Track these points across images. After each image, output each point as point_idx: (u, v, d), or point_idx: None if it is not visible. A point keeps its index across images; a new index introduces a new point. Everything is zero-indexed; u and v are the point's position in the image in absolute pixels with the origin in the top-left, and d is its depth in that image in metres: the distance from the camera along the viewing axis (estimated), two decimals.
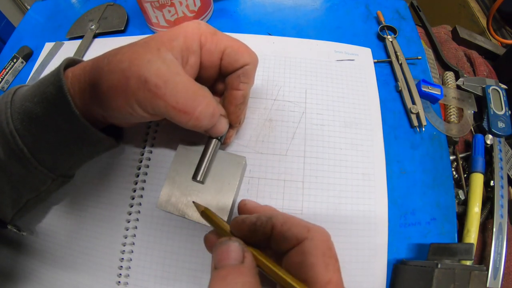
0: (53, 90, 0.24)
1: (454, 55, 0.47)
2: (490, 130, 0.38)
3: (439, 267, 0.26)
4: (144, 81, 0.21)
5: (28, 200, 0.28)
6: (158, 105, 0.22)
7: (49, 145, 0.25)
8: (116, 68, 0.22)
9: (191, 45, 0.24)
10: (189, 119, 0.23)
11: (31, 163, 0.25)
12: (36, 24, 0.49)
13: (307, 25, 0.44)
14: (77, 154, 0.27)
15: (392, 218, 0.32)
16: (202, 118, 0.23)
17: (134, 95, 0.22)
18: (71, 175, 0.30)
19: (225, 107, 0.28)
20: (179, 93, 0.22)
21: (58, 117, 0.24)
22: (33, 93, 0.24)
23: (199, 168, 0.27)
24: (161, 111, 0.22)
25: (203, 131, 0.26)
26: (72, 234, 0.31)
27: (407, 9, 0.48)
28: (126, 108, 0.23)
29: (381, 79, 0.39)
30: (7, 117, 0.24)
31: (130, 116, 0.24)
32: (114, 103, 0.23)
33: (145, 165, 0.32)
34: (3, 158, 0.25)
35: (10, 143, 0.24)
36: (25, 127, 0.24)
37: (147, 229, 0.31)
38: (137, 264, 0.30)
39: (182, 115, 0.23)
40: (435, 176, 0.34)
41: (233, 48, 0.26)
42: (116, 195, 0.32)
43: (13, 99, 0.25)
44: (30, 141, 0.24)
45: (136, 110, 0.23)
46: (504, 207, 0.34)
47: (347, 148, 0.34)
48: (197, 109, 0.23)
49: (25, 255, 0.32)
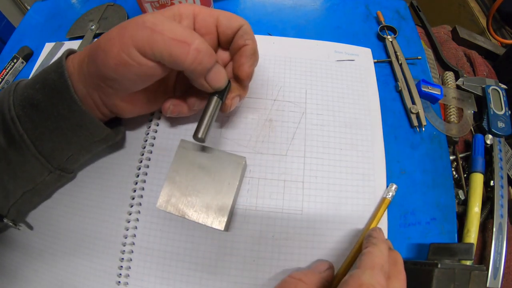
0: (55, 76, 0.25)
1: (454, 55, 0.47)
2: (490, 130, 0.38)
3: (439, 267, 0.26)
4: (141, 22, 0.22)
5: (25, 193, 0.28)
6: (157, 40, 0.22)
7: (49, 131, 0.26)
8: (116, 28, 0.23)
9: (184, 12, 0.25)
10: (188, 50, 0.22)
11: (30, 150, 0.26)
12: (36, 24, 0.49)
13: (307, 25, 0.44)
14: (75, 143, 0.27)
15: (392, 218, 0.32)
16: (200, 49, 0.23)
17: (132, 38, 0.22)
18: (69, 170, 0.30)
19: (236, 62, 0.28)
20: (176, 28, 0.22)
21: (58, 103, 0.25)
22: (35, 81, 0.25)
23: (200, 126, 0.26)
24: (160, 47, 0.22)
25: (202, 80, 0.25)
26: (72, 234, 0.31)
27: (407, 9, 0.48)
28: (121, 56, 0.22)
29: (381, 79, 0.39)
30: (9, 104, 0.25)
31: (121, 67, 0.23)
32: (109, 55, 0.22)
33: (145, 165, 0.32)
34: (3, 145, 0.25)
35: (11, 129, 0.25)
36: (26, 114, 0.25)
37: (147, 229, 0.31)
38: (137, 264, 0.30)
39: (182, 45, 0.22)
40: (435, 176, 0.34)
41: (226, 15, 0.27)
42: (116, 195, 0.32)
43: (16, 88, 0.26)
44: (30, 127, 0.25)
45: (132, 54, 0.22)
46: (504, 207, 0.34)
47: (347, 148, 0.34)
48: (195, 41, 0.23)
49: (24, 255, 0.32)
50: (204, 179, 0.28)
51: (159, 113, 0.35)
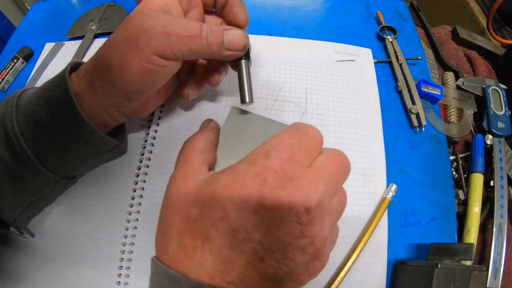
0: (59, 93, 0.24)
1: (454, 55, 0.47)
2: (490, 130, 0.38)
3: (439, 267, 0.26)
4: (153, 29, 0.22)
5: (31, 203, 0.28)
6: (174, 41, 0.23)
7: (54, 147, 0.25)
8: (119, 42, 0.23)
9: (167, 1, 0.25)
10: (201, 41, 0.24)
11: (35, 166, 0.25)
12: (37, 25, 0.49)
13: (307, 25, 0.44)
14: (82, 156, 0.27)
15: (392, 218, 0.32)
16: (208, 34, 0.24)
17: (150, 46, 0.22)
18: (74, 176, 0.30)
19: (229, 16, 0.28)
20: (184, 25, 0.23)
21: (63, 120, 0.24)
22: (38, 96, 0.25)
23: (243, 91, 0.28)
24: (179, 46, 0.23)
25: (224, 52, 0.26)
26: (72, 234, 0.31)
27: (407, 9, 0.48)
28: (144, 66, 0.23)
29: (381, 79, 0.39)
30: (12, 120, 0.24)
31: (146, 76, 0.23)
32: (129, 72, 0.23)
33: (145, 165, 0.32)
34: (8, 161, 0.25)
35: (15, 146, 0.24)
36: (30, 130, 0.24)
37: (147, 229, 0.31)
38: (137, 264, 0.30)
39: (196, 39, 0.23)
40: (435, 176, 0.34)
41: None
42: (116, 195, 0.32)
43: (18, 103, 0.25)
44: (35, 144, 0.25)
45: (155, 60, 0.23)
46: (504, 207, 0.34)
47: (347, 148, 0.34)
48: (202, 30, 0.24)
49: (25, 255, 0.32)
50: (251, 144, 0.28)
51: (159, 113, 0.35)
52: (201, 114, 0.34)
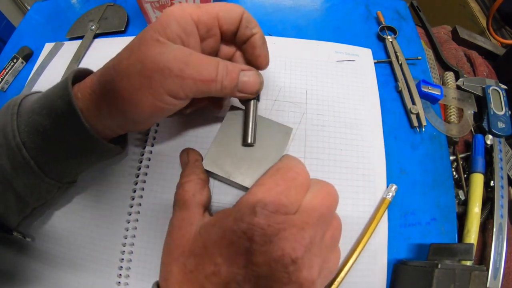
0: (62, 104, 0.23)
1: (454, 55, 0.47)
2: (490, 130, 0.38)
3: (439, 268, 0.26)
4: (169, 71, 0.22)
5: (34, 209, 0.28)
6: (189, 85, 0.22)
7: (57, 157, 0.25)
8: (131, 73, 0.22)
9: (186, 27, 0.24)
10: (215, 85, 0.24)
11: (38, 175, 0.25)
12: (36, 25, 0.49)
13: (307, 25, 0.44)
14: (85, 163, 0.27)
15: (392, 218, 0.32)
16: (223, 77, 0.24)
17: (163, 87, 0.22)
18: (76, 180, 0.30)
19: (250, 54, 0.27)
20: (200, 67, 0.23)
21: (67, 130, 0.24)
22: (41, 106, 0.24)
23: (247, 131, 0.27)
24: (192, 89, 0.23)
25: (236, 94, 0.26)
26: (72, 234, 0.31)
27: (407, 9, 0.48)
28: (156, 104, 0.23)
29: (381, 80, 0.39)
30: (13, 130, 0.24)
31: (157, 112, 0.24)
32: (141, 106, 0.23)
33: (145, 165, 0.32)
34: (10, 170, 0.24)
35: (17, 156, 0.24)
36: (32, 140, 0.24)
37: (147, 229, 0.31)
38: (137, 264, 0.30)
39: (210, 84, 0.23)
40: (435, 176, 0.34)
41: (224, 8, 0.26)
42: (116, 195, 0.32)
43: (19, 111, 0.25)
44: (37, 154, 0.24)
45: (167, 100, 0.23)
46: (504, 207, 0.34)
47: (347, 148, 0.34)
48: (218, 74, 0.23)
49: (26, 257, 0.32)
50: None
51: None
52: (201, 114, 0.34)
